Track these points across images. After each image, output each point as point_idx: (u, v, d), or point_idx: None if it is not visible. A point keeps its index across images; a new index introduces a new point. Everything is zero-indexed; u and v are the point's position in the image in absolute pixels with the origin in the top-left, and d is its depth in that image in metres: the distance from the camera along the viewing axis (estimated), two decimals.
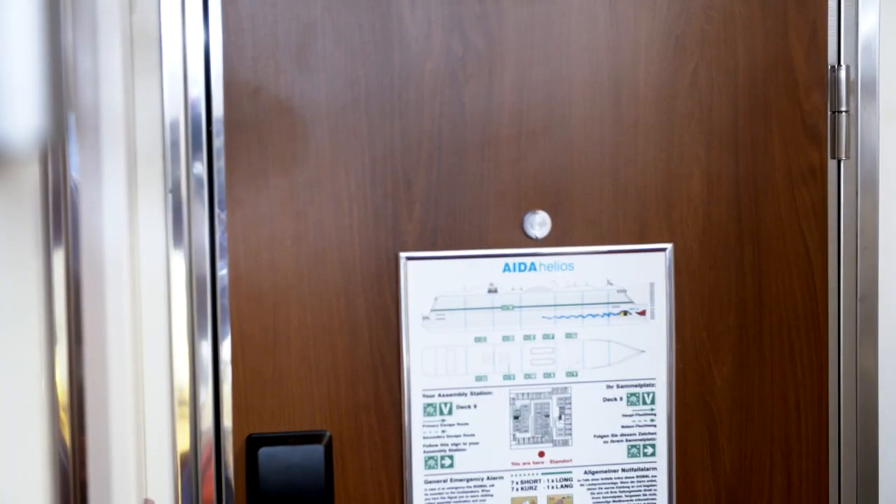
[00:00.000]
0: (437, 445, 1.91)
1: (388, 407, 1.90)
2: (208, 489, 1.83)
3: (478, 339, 1.91)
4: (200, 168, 1.80)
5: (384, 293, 1.89)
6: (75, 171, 1.15)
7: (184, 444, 1.80)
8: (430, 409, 1.90)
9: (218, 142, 1.81)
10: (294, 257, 1.86)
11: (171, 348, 1.78)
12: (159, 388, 1.78)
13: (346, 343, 1.88)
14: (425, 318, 1.89)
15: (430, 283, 1.89)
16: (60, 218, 1.14)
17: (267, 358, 1.86)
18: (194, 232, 1.80)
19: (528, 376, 1.92)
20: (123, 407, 1.45)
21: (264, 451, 1.83)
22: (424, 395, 1.90)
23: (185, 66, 1.78)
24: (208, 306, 1.81)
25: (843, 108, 1.97)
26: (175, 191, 1.78)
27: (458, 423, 1.91)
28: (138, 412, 1.72)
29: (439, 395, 1.90)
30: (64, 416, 1.31)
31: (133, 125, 1.72)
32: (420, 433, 1.90)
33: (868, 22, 1.97)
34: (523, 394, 1.92)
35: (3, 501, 0.64)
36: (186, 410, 1.80)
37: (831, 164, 1.98)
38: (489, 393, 1.92)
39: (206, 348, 1.81)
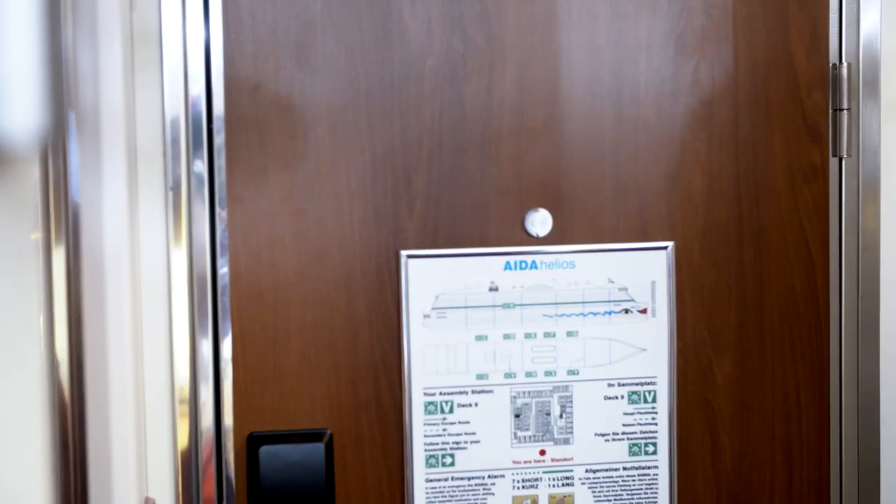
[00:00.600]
0: (437, 444, 1.91)
1: (388, 405, 1.90)
2: (209, 487, 1.83)
3: (479, 338, 1.91)
4: (201, 166, 1.79)
5: (385, 291, 1.88)
6: (75, 170, 1.15)
7: (184, 442, 1.80)
8: (430, 408, 1.90)
9: (218, 139, 1.81)
10: (294, 255, 1.86)
11: (172, 346, 1.78)
12: (160, 387, 1.78)
13: (346, 341, 1.88)
14: (426, 316, 1.89)
15: (430, 281, 1.89)
16: (61, 216, 1.14)
17: (267, 356, 1.86)
18: (195, 230, 1.80)
19: (529, 374, 1.92)
20: (124, 405, 1.45)
21: (265, 450, 1.83)
22: (425, 394, 1.89)
23: (186, 63, 1.78)
24: (209, 304, 1.81)
25: (845, 106, 1.97)
26: (175, 189, 1.77)
27: (459, 422, 1.91)
28: (139, 410, 1.72)
29: (440, 394, 1.90)
30: (64, 415, 1.31)
31: (133, 123, 1.72)
32: (421, 431, 1.90)
33: (869, 19, 1.96)
34: (524, 392, 1.92)
35: (4, 500, 0.64)
36: (187, 409, 1.80)
37: (832, 162, 1.98)
38: (490, 391, 1.91)
39: (206, 346, 1.81)
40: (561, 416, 1.93)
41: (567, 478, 1.94)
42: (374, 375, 1.89)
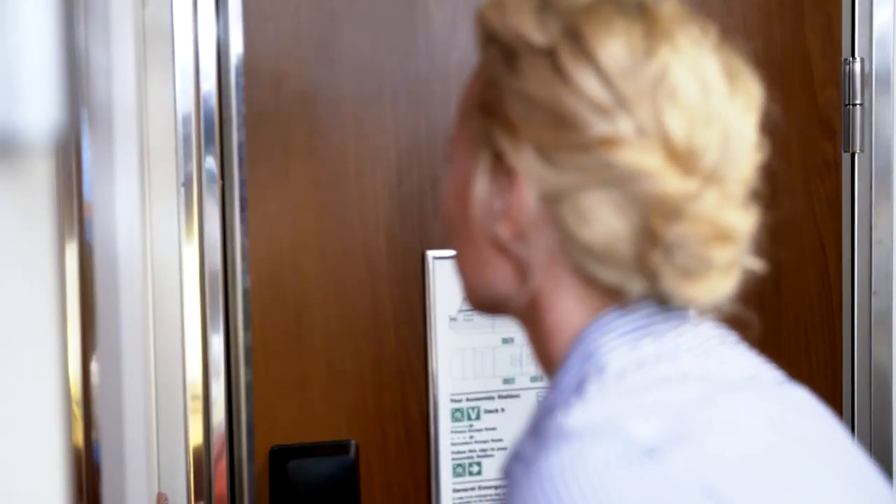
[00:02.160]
0: (464, 452, 1.85)
1: (415, 413, 1.84)
2: (220, 483, 1.82)
3: (505, 341, 1.86)
4: (213, 162, 1.79)
5: (411, 294, 1.83)
6: (88, 166, 1.15)
7: (196, 438, 1.80)
8: (457, 415, 1.84)
9: (238, 136, 1.77)
10: (318, 258, 1.81)
11: (184, 343, 1.78)
12: (172, 383, 1.78)
13: (372, 347, 1.82)
14: (453, 319, 1.84)
15: (457, 283, 1.85)
16: (73, 212, 1.14)
17: (290, 364, 1.81)
18: (206, 226, 1.79)
19: None
20: (136, 402, 1.45)
21: (293, 464, 1.78)
22: (452, 400, 1.84)
23: (198, 59, 1.77)
24: (220, 300, 1.81)
25: (858, 102, 1.96)
26: (187, 185, 1.77)
27: (486, 429, 1.86)
28: (151, 407, 1.72)
29: (467, 400, 1.84)
30: (77, 411, 1.31)
31: (145, 119, 1.72)
32: (448, 440, 1.84)
33: (882, 15, 1.96)
34: None
35: (16, 496, 0.64)
36: (199, 405, 1.80)
37: (845, 157, 1.98)
38: (517, 396, 1.87)
39: (217, 343, 1.81)
40: None
41: None
42: (399, 382, 1.83)
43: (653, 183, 0.98)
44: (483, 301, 1.13)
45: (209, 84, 1.79)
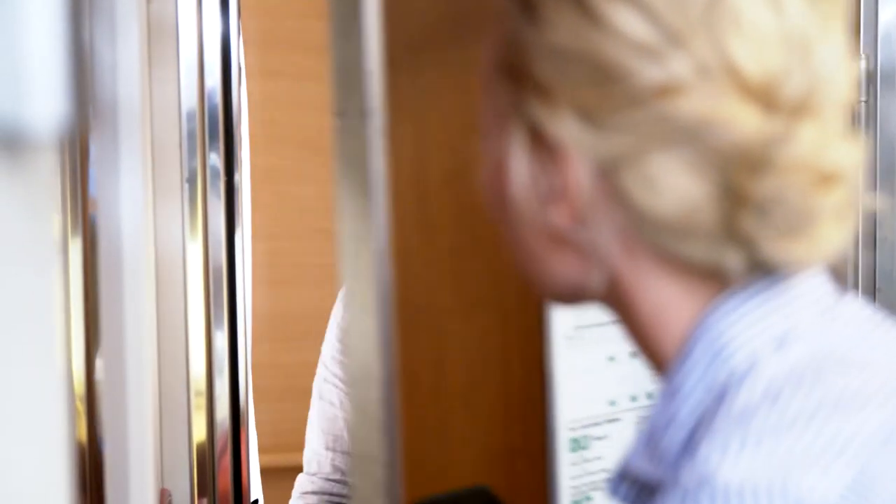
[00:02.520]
0: (579, 486, 1.69)
1: (536, 448, 1.67)
2: (224, 479, 1.83)
3: (610, 359, 1.70)
4: (216, 158, 1.79)
5: (529, 309, 1.65)
6: (93, 162, 1.15)
7: (200, 434, 1.80)
8: (573, 445, 1.68)
9: (373, 126, 1.55)
10: (451, 271, 1.64)
11: (188, 339, 1.78)
12: (175, 380, 1.78)
13: (498, 375, 1.67)
14: (569, 337, 1.67)
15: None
16: (78, 208, 1.14)
17: (431, 401, 1.63)
18: (210, 222, 1.80)
19: (649, 396, 1.73)
20: (140, 398, 1.45)
21: None
22: (570, 429, 1.68)
23: (202, 55, 1.78)
24: (224, 296, 1.81)
25: (863, 99, 1.96)
26: (192, 181, 1.77)
27: (595, 458, 1.69)
28: (155, 403, 1.73)
29: (581, 427, 1.69)
30: (80, 407, 1.31)
31: (150, 116, 1.72)
32: (567, 473, 1.67)
33: (888, 13, 1.96)
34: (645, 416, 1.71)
35: (20, 492, 0.64)
36: (203, 401, 1.80)
37: None
38: (619, 419, 1.72)
39: (221, 338, 1.81)
40: None
41: None
42: (522, 414, 1.67)
43: (728, 131, 0.79)
44: (556, 295, 0.95)
45: (213, 80, 1.79)
